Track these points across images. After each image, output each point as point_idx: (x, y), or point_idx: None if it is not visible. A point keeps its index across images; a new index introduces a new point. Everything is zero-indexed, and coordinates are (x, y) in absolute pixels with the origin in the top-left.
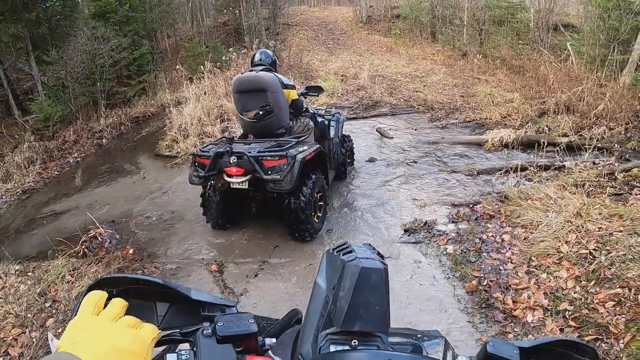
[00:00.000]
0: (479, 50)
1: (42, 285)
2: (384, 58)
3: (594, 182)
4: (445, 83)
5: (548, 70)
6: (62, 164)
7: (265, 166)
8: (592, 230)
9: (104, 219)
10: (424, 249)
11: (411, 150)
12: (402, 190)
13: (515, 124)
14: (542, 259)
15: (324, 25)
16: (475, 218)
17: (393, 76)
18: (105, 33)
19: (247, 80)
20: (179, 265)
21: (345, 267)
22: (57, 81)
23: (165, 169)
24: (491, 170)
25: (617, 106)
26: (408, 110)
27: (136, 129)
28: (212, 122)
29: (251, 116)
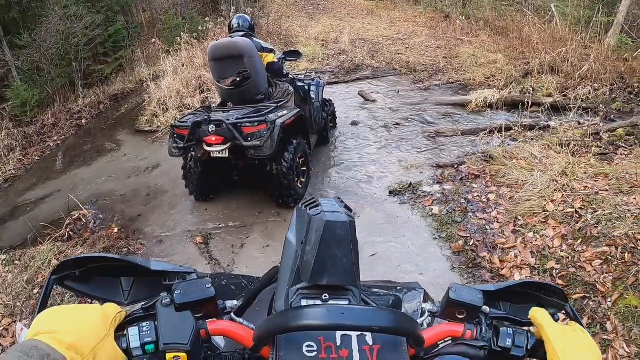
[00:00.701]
0: (461, 11)
1: (29, 272)
2: (365, 22)
3: (579, 142)
4: (428, 45)
5: (532, 31)
6: (43, 148)
7: (244, 133)
8: (578, 189)
9: (87, 199)
10: (409, 211)
11: (394, 113)
12: (386, 153)
13: (499, 84)
14: (528, 218)
15: None
16: (460, 178)
17: (374, 39)
18: (78, 11)
19: (223, 47)
20: (164, 240)
21: (311, 222)
22: (32, 65)
23: (147, 144)
24: (475, 131)
25: (602, 67)
26: (390, 72)
27: (115, 107)
28: (192, 93)
29: (228, 83)
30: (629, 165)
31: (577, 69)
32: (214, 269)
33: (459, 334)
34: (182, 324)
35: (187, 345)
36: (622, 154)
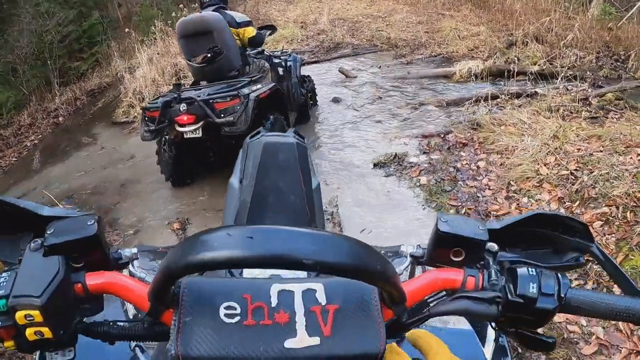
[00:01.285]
0: None
1: None
2: (344, 2)
3: (568, 107)
4: (409, 21)
5: (514, 2)
6: (20, 149)
7: (217, 109)
8: (571, 152)
9: (62, 195)
10: (396, 182)
11: (377, 87)
12: (369, 127)
13: (483, 56)
14: (521, 183)
15: None
16: (448, 147)
17: (354, 18)
18: (50, 8)
19: (191, 23)
20: (141, 229)
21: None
22: (6, 66)
23: (123, 135)
24: (461, 101)
25: (587, 36)
26: (371, 49)
27: (92, 102)
28: (168, 81)
29: (199, 60)
30: (621, 127)
31: (562, 38)
32: None
33: (456, 282)
34: (45, 274)
35: (39, 299)
36: (613, 118)
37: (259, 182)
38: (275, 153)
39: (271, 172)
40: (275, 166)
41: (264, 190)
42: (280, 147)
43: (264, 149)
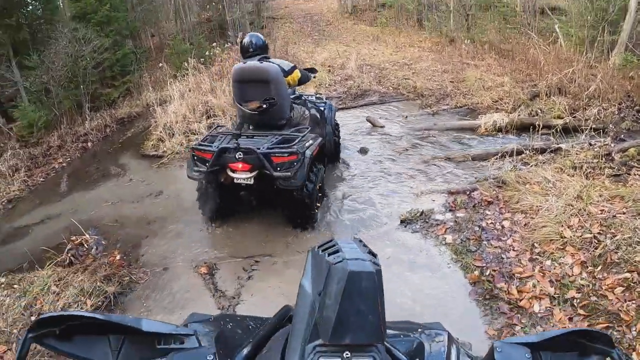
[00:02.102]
0: (466, 35)
1: (27, 297)
2: (371, 47)
3: (591, 164)
4: (434, 69)
5: (537, 53)
6: (48, 170)
7: (274, 163)
8: (595, 213)
9: (89, 224)
10: (422, 240)
11: (403, 138)
12: (396, 180)
13: (507, 107)
14: (545, 245)
15: (309, 17)
16: (473, 205)
17: (381, 65)
18: (87, 34)
19: (250, 71)
20: (168, 269)
21: (331, 270)
22: (40, 86)
23: (152, 169)
24: (486, 156)
25: (609, 87)
26: (398, 98)
27: (121, 130)
28: (198, 119)
29: (253, 108)
30: None
31: (584, 89)
32: (219, 301)
33: None
34: None
35: None
36: (636, 174)
37: (343, 306)
38: (359, 281)
39: (354, 296)
40: (357, 292)
41: (347, 313)
42: (364, 276)
43: (349, 279)
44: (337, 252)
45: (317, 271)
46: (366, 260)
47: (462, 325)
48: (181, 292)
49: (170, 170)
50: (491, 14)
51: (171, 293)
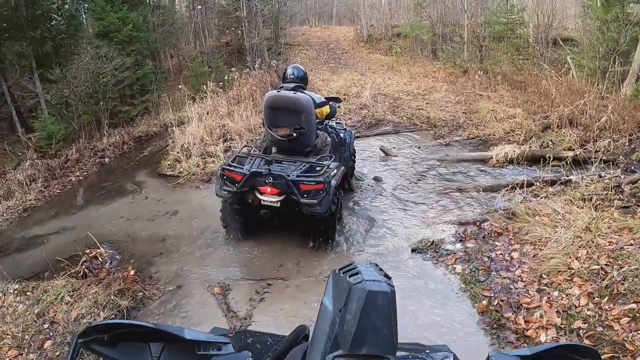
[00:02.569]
0: (479, 66)
1: (40, 305)
2: (386, 76)
3: (601, 196)
4: (448, 100)
5: (550, 84)
6: (64, 182)
7: (302, 189)
8: (603, 245)
9: (104, 238)
10: (432, 269)
11: (416, 168)
12: (408, 209)
13: (519, 139)
14: (553, 276)
15: (325, 44)
16: (483, 236)
17: (395, 94)
18: (109, 52)
19: (284, 99)
20: (181, 287)
21: (351, 290)
22: (61, 99)
23: (168, 188)
24: (497, 187)
25: (620, 118)
26: (411, 128)
27: (139, 148)
28: (215, 141)
29: (283, 134)
30: None
31: (596, 120)
32: (231, 322)
33: None
34: None
35: None
36: None
37: (362, 321)
38: (376, 299)
39: (371, 313)
40: (374, 309)
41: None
42: (380, 295)
43: (367, 297)
44: (357, 274)
45: (338, 291)
46: (382, 282)
47: (468, 353)
48: (194, 310)
49: (186, 191)
50: (504, 45)
51: (184, 311)
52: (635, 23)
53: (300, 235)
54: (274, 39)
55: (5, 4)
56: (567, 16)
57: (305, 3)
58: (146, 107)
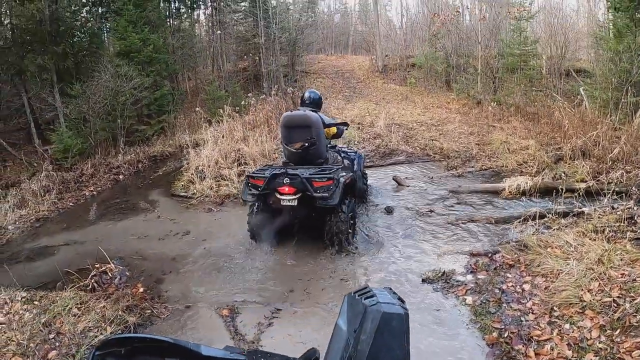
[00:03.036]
0: (493, 98)
1: (47, 315)
2: (400, 106)
3: (614, 228)
4: (461, 131)
5: (562, 116)
6: (78, 196)
7: (314, 186)
8: (615, 277)
9: (115, 254)
10: (442, 300)
11: (428, 199)
12: (419, 240)
13: (531, 170)
14: (564, 308)
15: (340, 73)
16: (494, 268)
17: (409, 124)
18: (129, 72)
19: (295, 117)
20: (189, 307)
21: (367, 311)
22: (79, 114)
23: (180, 208)
24: (509, 219)
25: (633, 149)
26: (424, 158)
27: (153, 168)
28: (229, 165)
29: (297, 147)
30: None
31: (609, 151)
32: (238, 344)
33: None
34: None
35: None
36: None
37: (376, 341)
38: (390, 321)
39: (385, 334)
40: (388, 330)
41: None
42: (394, 317)
43: (382, 318)
44: (372, 296)
45: (353, 312)
46: (397, 305)
47: None
48: (201, 331)
49: (199, 213)
50: (518, 76)
51: (191, 330)
52: None
53: (310, 262)
54: (290, 66)
55: (31, 18)
56: (579, 47)
57: (322, 32)
58: (162, 127)
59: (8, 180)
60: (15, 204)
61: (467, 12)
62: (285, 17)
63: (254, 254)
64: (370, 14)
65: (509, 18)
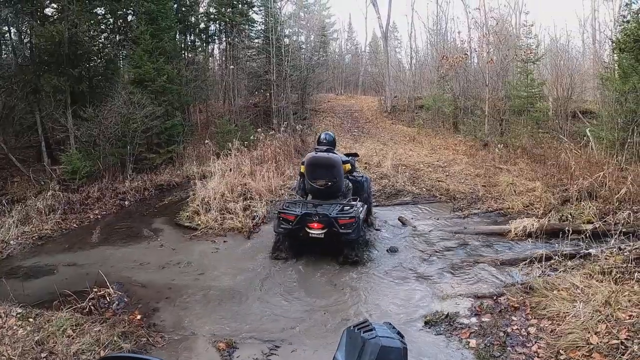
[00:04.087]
0: (500, 139)
1: (41, 334)
2: (407, 147)
3: (621, 269)
4: (467, 173)
5: (569, 157)
6: (82, 218)
7: (340, 223)
8: (623, 319)
9: (114, 279)
10: (445, 342)
11: (433, 240)
12: (423, 281)
13: (538, 212)
14: (571, 352)
15: (349, 113)
16: (499, 310)
17: (416, 165)
18: (141, 100)
19: (321, 158)
20: (186, 338)
21: (365, 345)
22: (90, 138)
23: (184, 239)
24: (515, 261)
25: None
26: (430, 199)
27: (159, 196)
28: (235, 199)
29: (320, 184)
30: None
31: (615, 192)
32: None
33: None
34: None
35: None
36: None
37: None
38: (389, 354)
39: None
40: None
41: None
42: (393, 351)
43: (380, 352)
44: (371, 330)
45: (351, 346)
46: (396, 339)
47: None
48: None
49: (202, 244)
50: (524, 118)
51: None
52: None
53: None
54: (300, 104)
55: (50, 39)
56: (585, 89)
57: (333, 71)
58: (171, 157)
59: (14, 196)
60: (19, 219)
61: (474, 55)
62: (297, 56)
63: (255, 288)
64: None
65: (516, 61)
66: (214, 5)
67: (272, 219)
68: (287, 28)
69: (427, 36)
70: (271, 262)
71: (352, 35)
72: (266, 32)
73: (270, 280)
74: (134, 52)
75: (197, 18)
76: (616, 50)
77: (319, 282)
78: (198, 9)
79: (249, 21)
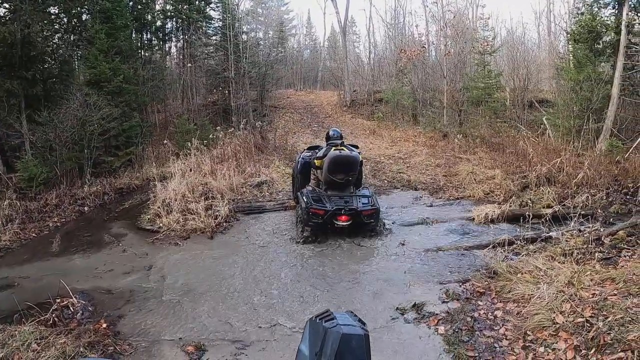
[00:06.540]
0: (459, 130)
1: (5, 350)
2: (368, 141)
3: (582, 250)
4: (428, 164)
5: (527, 145)
6: (42, 226)
7: (363, 215)
8: (586, 297)
9: (78, 288)
10: (414, 330)
11: (396, 231)
12: (390, 272)
13: (498, 199)
14: (537, 332)
15: (309, 108)
16: (466, 297)
17: (376, 158)
18: (98, 101)
19: (344, 156)
20: (154, 343)
21: (327, 334)
22: (46, 143)
23: (146, 242)
24: (478, 247)
25: (596, 173)
26: (392, 191)
27: (119, 200)
28: (196, 199)
29: (340, 177)
30: (634, 266)
31: (573, 177)
32: None
33: None
34: None
35: None
36: (626, 256)
37: None
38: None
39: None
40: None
41: None
42: (354, 338)
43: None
44: (332, 319)
45: (314, 336)
46: (357, 326)
47: None
48: None
49: (165, 247)
50: (482, 109)
51: None
52: (606, 81)
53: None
54: (259, 100)
55: (2, 41)
56: (541, 79)
57: (292, 67)
58: (130, 159)
59: None
60: None
61: (432, 48)
62: (255, 52)
63: (221, 289)
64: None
65: (474, 53)
66: (171, 2)
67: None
68: (245, 24)
69: (386, 30)
70: (233, 262)
71: (311, 31)
72: (224, 29)
73: (233, 279)
74: (89, 52)
75: (154, 15)
76: (571, 41)
77: (284, 280)
78: (154, 6)
79: (206, 18)
